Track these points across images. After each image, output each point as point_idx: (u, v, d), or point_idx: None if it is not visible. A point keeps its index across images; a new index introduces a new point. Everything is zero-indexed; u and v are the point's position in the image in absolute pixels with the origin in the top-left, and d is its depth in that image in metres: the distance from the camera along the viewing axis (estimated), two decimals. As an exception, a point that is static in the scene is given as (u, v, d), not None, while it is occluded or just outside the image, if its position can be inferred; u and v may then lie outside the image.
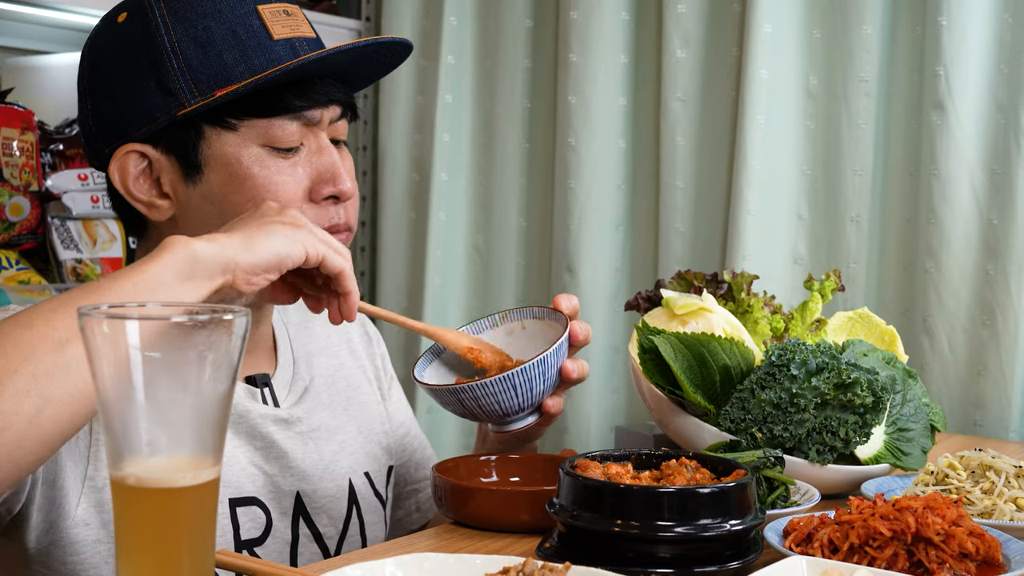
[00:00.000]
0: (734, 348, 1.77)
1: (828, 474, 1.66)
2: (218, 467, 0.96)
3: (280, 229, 1.37)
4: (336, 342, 1.87)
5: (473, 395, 1.55)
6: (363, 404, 1.84)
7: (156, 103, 1.53)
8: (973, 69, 2.54)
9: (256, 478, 1.61)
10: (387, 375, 1.94)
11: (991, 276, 2.53)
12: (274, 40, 1.55)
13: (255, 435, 1.62)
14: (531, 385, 1.56)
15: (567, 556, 1.25)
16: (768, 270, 2.74)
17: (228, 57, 1.53)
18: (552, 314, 1.66)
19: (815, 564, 1.22)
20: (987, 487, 1.53)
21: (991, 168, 2.53)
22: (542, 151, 3.21)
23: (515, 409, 1.58)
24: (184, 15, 1.54)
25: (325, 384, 1.78)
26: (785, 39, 2.76)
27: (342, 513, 1.70)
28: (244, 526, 1.58)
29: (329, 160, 1.59)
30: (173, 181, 1.56)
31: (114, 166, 1.56)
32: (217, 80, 1.52)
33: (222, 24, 1.54)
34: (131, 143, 1.56)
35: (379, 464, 1.82)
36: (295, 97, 1.55)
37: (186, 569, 0.95)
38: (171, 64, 1.52)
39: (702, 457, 1.42)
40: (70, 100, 3.09)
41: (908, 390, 1.82)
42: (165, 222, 1.59)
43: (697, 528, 1.27)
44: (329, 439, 1.72)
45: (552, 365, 1.57)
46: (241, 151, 1.54)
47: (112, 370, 0.91)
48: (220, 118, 1.54)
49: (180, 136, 1.55)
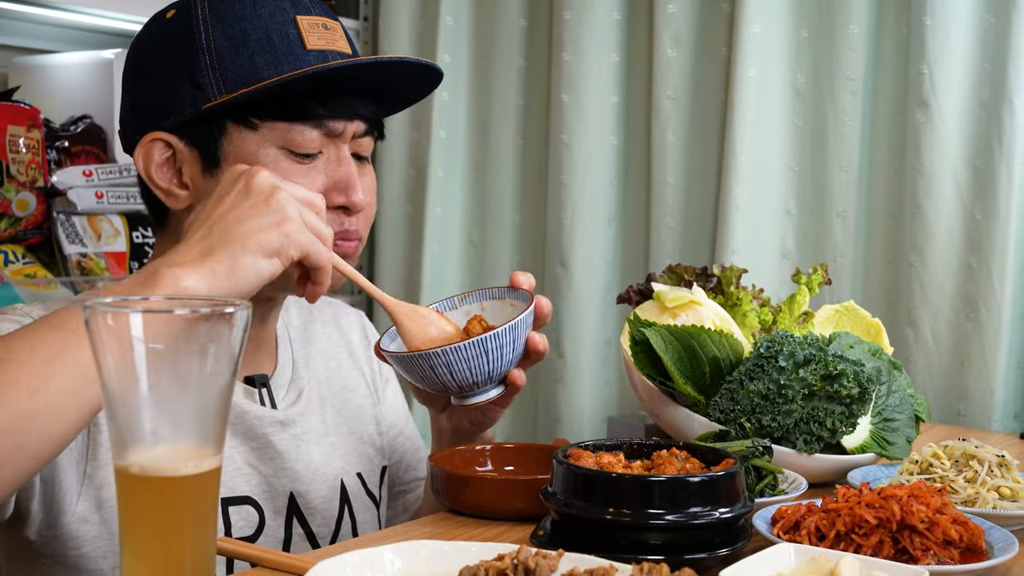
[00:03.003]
0: (723, 340, 1.77)
1: (815, 463, 1.66)
2: (219, 456, 0.96)
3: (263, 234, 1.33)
4: (336, 343, 1.86)
5: (445, 360, 1.49)
6: (359, 406, 1.83)
7: (185, 96, 1.54)
8: (957, 68, 2.54)
9: (251, 478, 1.61)
10: (382, 378, 1.93)
11: (974, 270, 2.53)
12: (307, 50, 1.55)
13: (252, 436, 1.62)
14: (502, 352, 1.51)
15: (560, 543, 1.25)
16: (757, 264, 2.74)
17: (259, 60, 1.52)
18: (512, 292, 1.62)
19: (802, 551, 1.22)
20: (970, 476, 1.53)
21: (974, 164, 2.54)
22: (536, 148, 3.21)
23: (484, 377, 1.52)
24: (225, 16, 1.54)
25: (320, 386, 1.77)
26: (773, 39, 2.76)
27: (334, 513, 1.70)
28: (236, 524, 1.58)
29: (346, 171, 1.57)
30: (193, 173, 1.56)
31: (139, 152, 1.57)
32: (245, 80, 1.52)
33: (259, 28, 1.54)
34: (158, 132, 1.56)
35: (372, 465, 1.81)
36: (318, 105, 1.54)
37: (188, 556, 0.95)
38: (204, 60, 1.53)
39: (692, 447, 1.42)
40: (75, 98, 3.11)
41: (893, 381, 1.82)
42: (183, 211, 1.58)
43: (687, 516, 1.27)
44: (320, 441, 1.71)
45: (522, 333, 1.53)
46: (259, 150, 1.53)
47: (116, 362, 0.91)
48: (243, 116, 1.53)
49: (204, 130, 1.55)
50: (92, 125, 3.06)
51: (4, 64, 3.23)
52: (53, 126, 3.02)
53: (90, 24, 3.22)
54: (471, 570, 1.06)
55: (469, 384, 1.53)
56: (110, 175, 2.99)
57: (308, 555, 1.38)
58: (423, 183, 3.28)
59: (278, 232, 1.34)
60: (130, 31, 3.28)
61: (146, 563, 0.94)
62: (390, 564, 1.12)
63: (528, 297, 1.58)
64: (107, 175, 2.98)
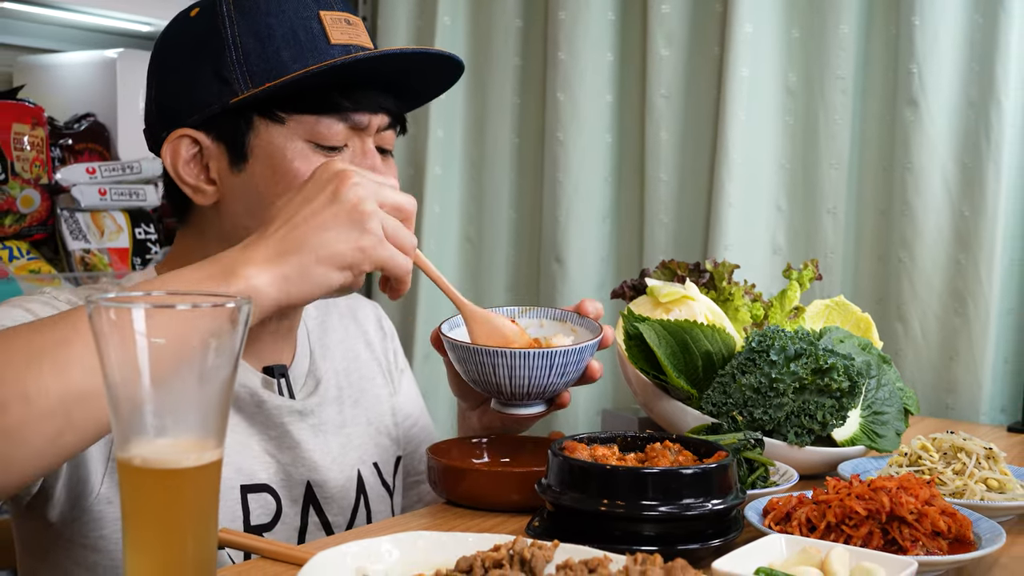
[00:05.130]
0: (716, 335, 1.77)
1: (806, 456, 1.67)
2: (220, 449, 0.96)
3: (340, 246, 1.33)
4: (353, 334, 1.87)
5: (510, 362, 1.49)
6: (376, 396, 1.84)
7: (212, 91, 1.54)
8: (945, 67, 2.54)
9: (269, 466, 1.61)
10: (398, 369, 1.93)
11: (962, 265, 2.53)
12: (331, 44, 1.55)
13: (270, 425, 1.62)
14: (564, 371, 1.51)
15: (555, 534, 1.25)
16: (748, 260, 2.74)
17: (285, 54, 1.53)
18: (577, 318, 1.63)
19: (793, 542, 1.22)
20: (958, 468, 1.53)
21: (962, 162, 2.54)
22: (532, 146, 3.21)
23: (539, 390, 1.52)
24: (249, 12, 1.54)
25: (338, 377, 1.78)
26: (765, 38, 2.76)
27: (350, 503, 1.70)
28: (254, 512, 1.58)
29: (371, 164, 1.58)
30: (220, 168, 1.56)
31: (167, 148, 1.57)
32: (271, 74, 1.52)
33: (283, 23, 1.54)
34: (185, 128, 1.56)
35: (388, 455, 1.81)
36: (343, 98, 1.54)
37: (190, 547, 0.95)
38: (230, 56, 1.53)
39: (685, 439, 1.42)
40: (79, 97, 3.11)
41: (883, 375, 1.82)
42: (209, 207, 1.58)
43: (680, 507, 1.27)
44: (337, 432, 1.72)
45: (587, 358, 1.54)
46: (286, 144, 1.53)
47: (119, 356, 0.91)
48: (270, 111, 1.54)
49: (231, 125, 1.55)
50: (95, 123, 3.06)
51: (9, 63, 3.23)
52: (57, 124, 3.02)
53: (93, 24, 3.22)
54: (468, 560, 1.06)
55: (522, 393, 1.52)
56: (113, 172, 2.99)
57: (310, 545, 1.38)
58: (421, 180, 3.28)
59: (355, 248, 1.34)
60: (133, 31, 3.28)
61: (148, 554, 0.94)
62: (388, 555, 1.12)
63: (593, 325, 1.59)
64: (110, 172, 2.98)
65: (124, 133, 3.08)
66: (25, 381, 1.18)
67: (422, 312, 3.30)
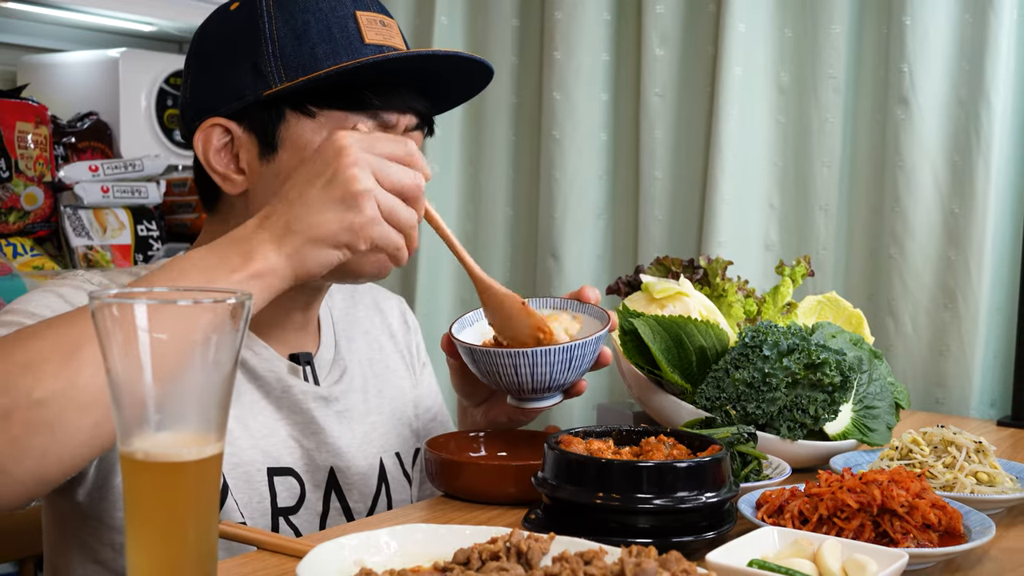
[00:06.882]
0: (710, 330, 1.77)
1: (798, 449, 1.66)
2: (221, 443, 0.95)
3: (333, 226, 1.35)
4: (378, 326, 1.88)
5: (532, 361, 1.48)
6: (399, 388, 1.85)
7: (247, 83, 1.54)
8: (935, 66, 2.54)
9: (294, 450, 1.63)
10: (420, 362, 1.94)
11: (952, 262, 2.53)
12: (365, 43, 1.56)
13: (296, 410, 1.64)
14: (583, 361, 1.51)
15: (551, 527, 1.25)
16: (742, 256, 2.74)
17: (320, 50, 1.53)
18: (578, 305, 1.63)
19: (786, 534, 1.22)
20: (949, 461, 1.53)
21: (952, 160, 2.54)
22: (528, 144, 3.21)
23: (559, 384, 1.52)
24: (288, 8, 1.56)
25: (363, 367, 1.79)
26: (758, 38, 2.76)
27: (372, 490, 1.71)
28: (281, 495, 1.60)
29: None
30: (250, 158, 1.57)
31: (199, 137, 1.58)
32: (305, 69, 1.53)
33: (320, 21, 1.55)
34: (218, 117, 1.57)
35: (408, 445, 1.82)
36: (374, 96, 1.55)
37: (191, 539, 0.95)
38: (266, 49, 1.54)
39: (679, 433, 1.42)
40: (82, 95, 3.11)
41: (874, 370, 1.82)
42: (237, 196, 1.59)
43: (674, 500, 1.27)
44: (362, 420, 1.73)
45: (601, 344, 1.54)
46: (315, 137, 1.54)
47: (122, 351, 0.91)
48: (302, 104, 1.55)
49: (263, 116, 1.56)
50: (98, 122, 3.05)
51: (13, 62, 3.23)
52: (60, 123, 3.02)
53: (96, 24, 3.22)
54: (465, 553, 1.06)
55: (543, 387, 1.52)
56: (115, 170, 2.99)
57: (309, 537, 1.38)
58: (419, 178, 3.28)
59: (348, 229, 1.36)
60: (135, 31, 3.28)
61: (150, 547, 0.94)
62: (386, 547, 1.12)
63: (596, 311, 1.59)
64: (113, 170, 2.98)
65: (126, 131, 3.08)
66: (65, 376, 1.20)
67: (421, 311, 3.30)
